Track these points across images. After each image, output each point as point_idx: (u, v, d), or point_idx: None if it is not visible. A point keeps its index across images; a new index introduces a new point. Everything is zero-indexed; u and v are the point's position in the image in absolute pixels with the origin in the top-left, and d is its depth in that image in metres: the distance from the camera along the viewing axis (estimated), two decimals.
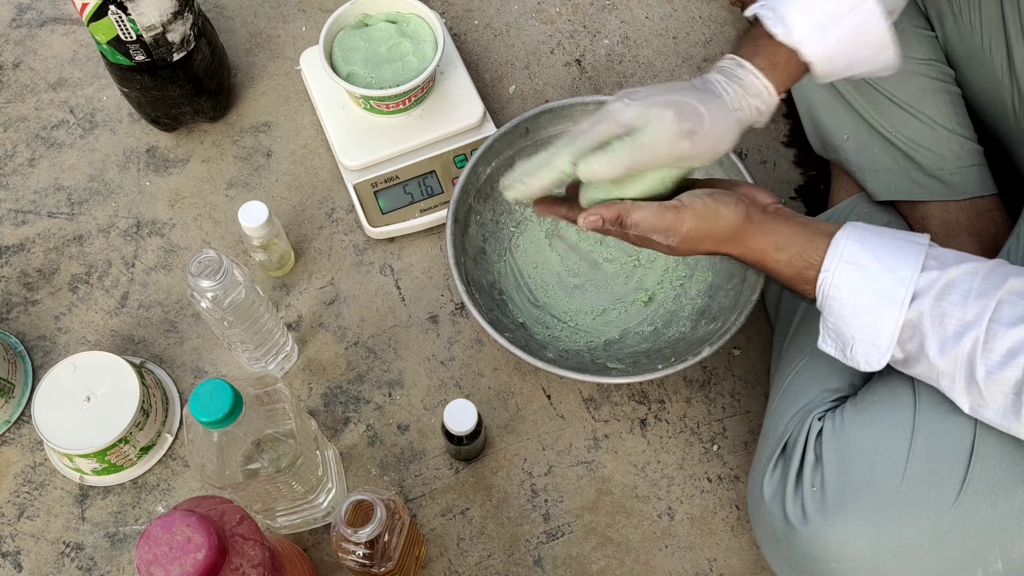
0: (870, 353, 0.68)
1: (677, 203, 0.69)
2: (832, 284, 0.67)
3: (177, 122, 1.07)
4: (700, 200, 0.69)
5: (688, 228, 0.69)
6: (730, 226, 0.70)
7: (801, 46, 0.73)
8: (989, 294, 0.63)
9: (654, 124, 0.68)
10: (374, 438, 0.95)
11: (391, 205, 1.02)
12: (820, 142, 1.02)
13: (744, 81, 0.73)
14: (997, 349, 0.62)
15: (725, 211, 0.69)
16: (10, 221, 1.06)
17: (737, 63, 0.74)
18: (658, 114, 0.68)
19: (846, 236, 0.68)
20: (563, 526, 0.91)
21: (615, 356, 0.93)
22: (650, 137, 0.68)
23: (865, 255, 0.67)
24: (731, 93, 0.72)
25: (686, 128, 0.68)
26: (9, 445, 0.94)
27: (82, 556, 0.89)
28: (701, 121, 0.68)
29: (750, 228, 0.70)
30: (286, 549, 0.82)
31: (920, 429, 0.70)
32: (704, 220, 0.69)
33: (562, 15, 1.21)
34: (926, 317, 0.65)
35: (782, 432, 0.80)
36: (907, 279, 0.65)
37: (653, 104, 0.68)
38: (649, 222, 0.70)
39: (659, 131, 0.67)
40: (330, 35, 1.02)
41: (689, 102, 0.69)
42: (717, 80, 0.73)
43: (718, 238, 0.70)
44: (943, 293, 0.64)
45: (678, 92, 0.70)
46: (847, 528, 0.70)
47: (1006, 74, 0.87)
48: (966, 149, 0.93)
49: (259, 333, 0.88)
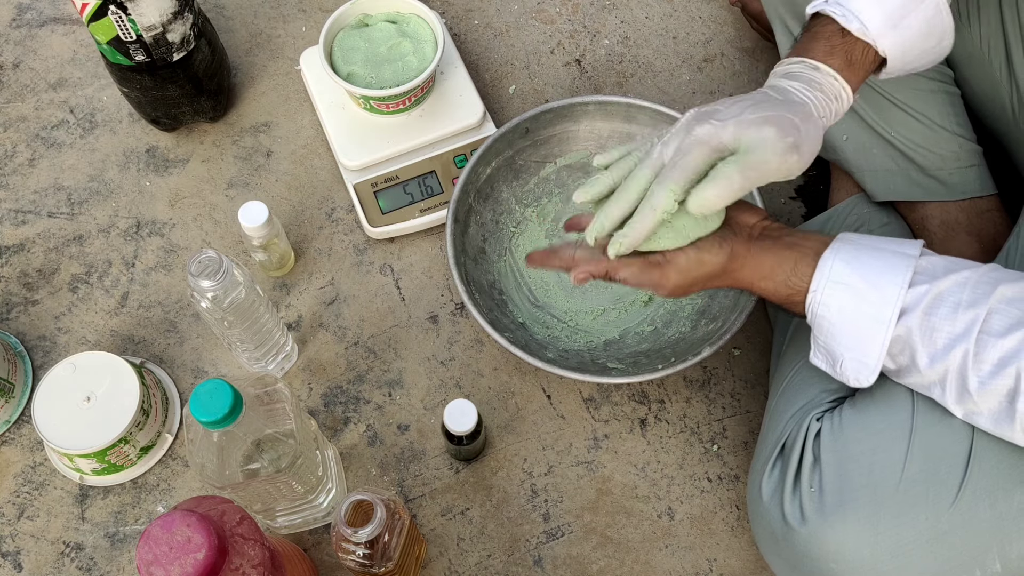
0: (859, 370, 0.69)
1: (660, 259, 0.70)
2: (820, 303, 0.68)
3: (177, 122, 1.07)
4: (683, 254, 0.70)
5: (673, 282, 0.71)
6: (715, 269, 0.71)
7: (878, 41, 0.70)
8: (979, 304, 0.63)
9: (758, 144, 0.65)
10: (374, 438, 0.95)
11: (391, 205, 1.02)
12: None
13: (823, 85, 0.70)
14: (988, 359, 0.63)
15: (708, 258, 0.70)
16: (10, 221, 1.06)
17: (811, 66, 0.71)
18: (758, 132, 0.65)
19: (833, 255, 0.68)
20: (563, 526, 0.91)
21: (615, 356, 0.93)
22: (758, 157, 0.65)
23: (852, 274, 0.67)
24: (814, 100, 0.69)
25: (791, 142, 0.65)
26: (9, 445, 0.94)
27: (82, 556, 0.89)
28: (799, 132, 0.66)
29: (735, 265, 0.71)
30: (286, 549, 0.82)
31: (918, 430, 0.70)
32: (688, 272, 0.70)
33: (562, 15, 1.21)
34: (915, 332, 0.65)
35: (780, 432, 0.80)
36: (894, 297, 0.65)
37: (748, 123, 0.66)
38: (636, 279, 0.71)
39: (766, 150, 0.65)
40: (330, 35, 1.02)
41: (783, 115, 0.66)
42: (795, 88, 0.70)
43: (705, 281, 0.72)
44: (932, 307, 0.65)
45: (766, 107, 0.67)
46: (845, 529, 0.70)
47: (1005, 74, 0.87)
48: (965, 149, 0.93)
49: (259, 333, 0.88)
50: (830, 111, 0.71)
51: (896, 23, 0.70)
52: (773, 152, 0.65)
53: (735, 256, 0.70)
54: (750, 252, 0.70)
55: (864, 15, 0.70)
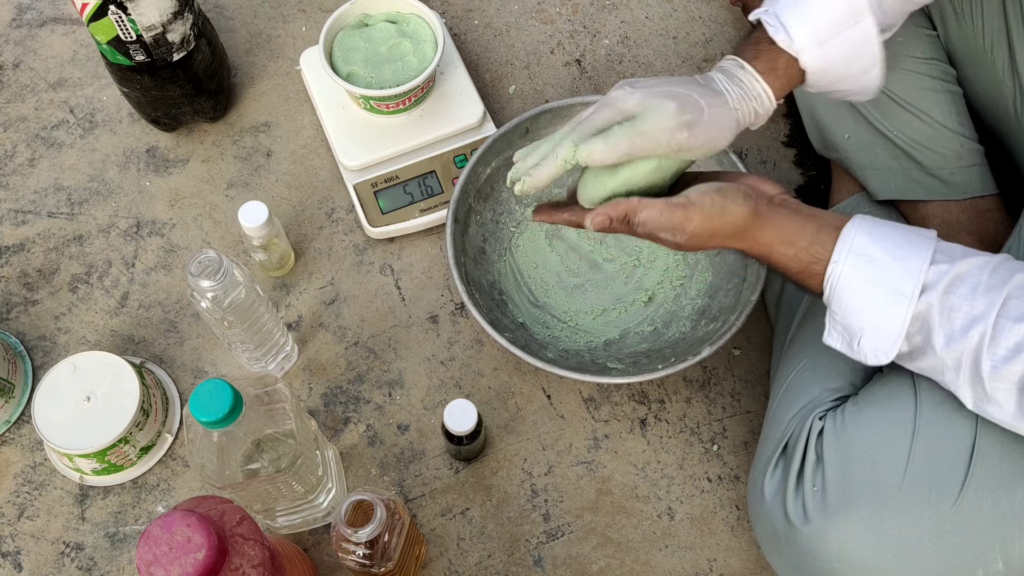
0: (878, 346, 0.67)
1: (684, 200, 0.69)
2: (841, 275, 0.67)
3: (177, 122, 1.07)
4: (708, 197, 0.69)
5: (695, 226, 0.69)
6: (737, 222, 0.69)
7: (800, 55, 0.74)
8: (997, 289, 0.63)
9: (654, 113, 0.68)
10: (374, 438, 0.94)
11: (391, 205, 1.02)
12: (821, 141, 1.02)
13: (744, 83, 0.74)
14: (1004, 344, 0.62)
15: (733, 207, 0.69)
16: (10, 221, 1.06)
17: (738, 64, 0.74)
18: (659, 103, 0.69)
19: (855, 228, 0.68)
20: (563, 526, 0.91)
21: (615, 356, 0.93)
22: (650, 125, 0.68)
23: (874, 247, 0.66)
24: (732, 93, 0.73)
25: (686, 119, 0.68)
26: (9, 445, 0.94)
27: (82, 556, 0.89)
28: (701, 114, 0.69)
29: (757, 223, 0.70)
30: (286, 549, 0.82)
31: (921, 429, 0.70)
32: (711, 218, 0.69)
33: (562, 15, 1.21)
34: (935, 310, 0.64)
35: (783, 432, 0.80)
36: (917, 271, 0.65)
37: (655, 94, 0.69)
38: (656, 220, 0.70)
39: (659, 120, 0.68)
40: (330, 35, 1.02)
41: (690, 94, 0.70)
42: (718, 79, 0.74)
43: (725, 234, 0.70)
44: (952, 286, 0.64)
45: (680, 85, 0.71)
46: (848, 528, 0.70)
47: (1008, 74, 0.87)
48: (967, 148, 0.93)
49: (259, 333, 0.88)
50: (748, 108, 0.74)
51: (822, 41, 0.73)
52: (665, 123, 0.68)
53: (758, 214, 0.69)
54: (772, 214, 0.70)
55: (792, 28, 0.73)
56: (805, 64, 0.74)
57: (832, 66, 0.75)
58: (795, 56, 0.74)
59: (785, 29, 0.73)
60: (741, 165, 0.92)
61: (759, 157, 1.11)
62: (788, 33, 0.73)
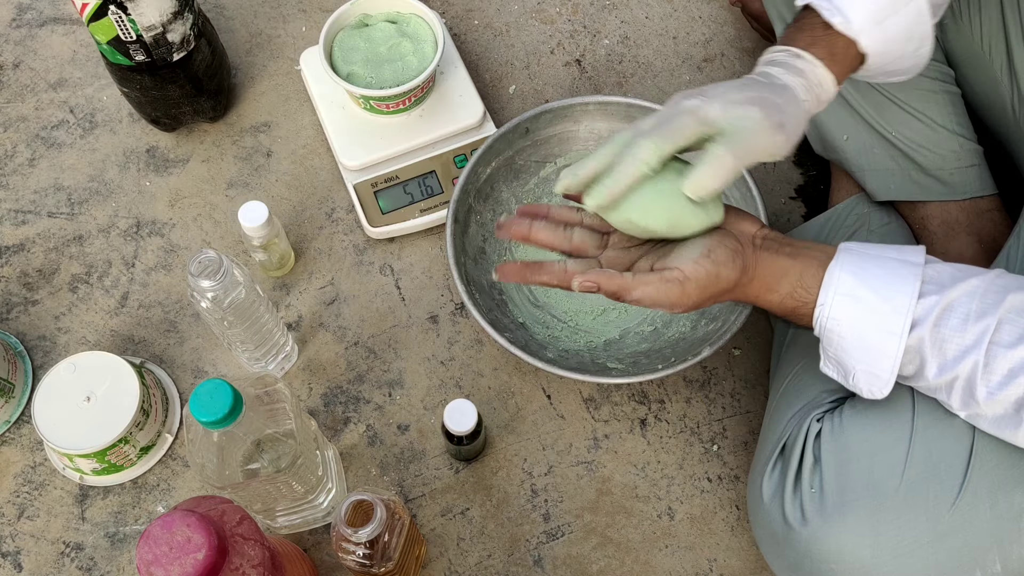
0: (872, 383, 0.68)
1: (680, 275, 0.67)
2: (829, 317, 0.67)
3: (177, 122, 1.07)
4: (702, 268, 0.67)
5: (693, 300, 0.68)
6: (729, 284, 0.69)
7: (860, 36, 0.71)
8: (988, 315, 0.63)
9: (744, 122, 0.65)
10: (374, 438, 0.95)
11: (391, 205, 1.02)
12: (820, 142, 1.02)
13: (805, 72, 0.70)
14: (998, 370, 0.62)
15: (724, 273, 0.68)
16: (10, 221, 1.06)
17: (793, 54, 0.71)
18: (744, 112, 0.65)
19: (840, 267, 0.67)
20: (563, 526, 0.91)
21: (615, 356, 0.93)
22: (747, 137, 0.65)
23: (860, 286, 0.66)
24: (797, 85, 0.70)
25: (776, 121, 0.65)
26: (9, 445, 0.94)
27: (82, 556, 0.89)
28: (784, 114, 0.67)
29: (745, 279, 0.69)
30: (286, 549, 0.82)
31: (919, 431, 0.70)
32: (706, 287, 0.68)
33: (562, 15, 1.21)
34: (926, 343, 0.65)
35: (781, 433, 0.80)
36: (905, 308, 0.65)
37: (735, 102, 0.66)
38: (652, 299, 0.68)
39: (753, 128, 0.65)
40: (330, 35, 1.02)
41: (767, 96, 0.67)
42: (778, 73, 0.70)
43: (717, 297, 0.70)
44: (942, 319, 0.64)
45: (750, 88, 0.67)
46: (846, 529, 0.70)
47: (1006, 74, 0.87)
48: (966, 149, 0.93)
49: (259, 333, 0.88)
50: (813, 96, 0.71)
51: (879, 21, 0.71)
52: (760, 131, 0.65)
53: (745, 270, 0.69)
54: (757, 264, 0.70)
55: (849, 10, 0.70)
56: (865, 46, 0.71)
57: (890, 47, 0.72)
58: (854, 39, 0.71)
59: (841, 12, 0.70)
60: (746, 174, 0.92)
61: None
62: (845, 15, 0.70)
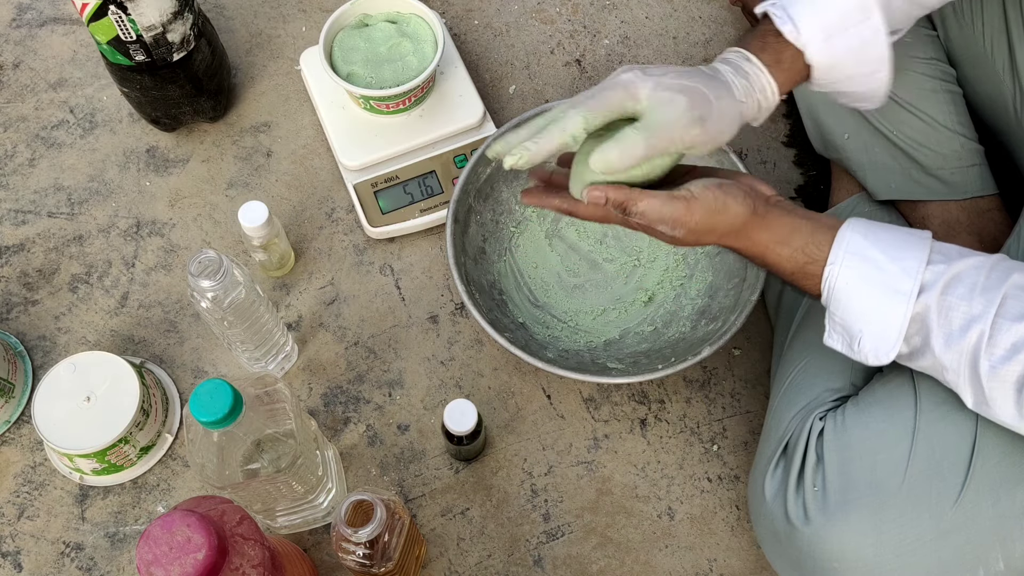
0: (879, 346, 0.67)
1: (687, 194, 0.68)
2: (839, 276, 0.67)
3: (177, 122, 1.07)
4: (711, 192, 0.68)
5: (697, 221, 0.68)
6: (736, 220, 0.69)
7: (807, 47, 0.72)
8: (995, 288, 0.63)
9: (666, 108, 0.66)
10: (374, 438, 0.94)
11: (391, 205, 1.02)
12: (821, 141, 1.02)
13: (750, 75, 0.72)
14: (1002, 344, 0.62)
15: (734, 205, 0.68)
16: (10, 221, 1.06)
17: (744, 56, 0.72)
18: (670, 98, 0.66)
19: (851, 229, 0.68)
20: (563, 526, 0.91)
21: (615, 356, 0.93)
22: (662, 122, 0.66)
23: (871, 247, 0.66)
24: (738, 85, 0.71)
25: (696, 115, 0.66)
26: (9, 445, 0.94)
27: (82, 556, 0.89)
28: (710, 109, 0.67)
29: (754, 222, 0.69)
30: (286, 549, 0.82)
31: (921, 429, 0.70)
32: (713, 214, 0.68)
33: (562, 15, 1.21)
34: (932, 310, 0.64)
35: (783, 432, 0.80)
36: (914, 271, 0.65)
37: (666, 86, 0.67)
38: (657, 212, 0.68)
39: (671, 116, 0.66)
40: (330, 35, 1.02)
41: (699, 88, 0.68)
42: (724, 71, 0.72)
43: (723, 232, 0.69)
44: (949, 287, 0.64)
45: (688, 76, 0.68)
46: (849, 528, 0.70)
47: (1007, 74, 0.87)
48: (967, 148, 0.93)
49: (259, 333, 0.88)
50: (753, 101, 0.72)
51: (829, 36, 0.72)
52: (678, 120, 0.66)
53: (756, 213, 0.69)
54: (768, 213, 0.70)
55: (800, 20, 0.71)
56: (811, 58, 0.72)
57: (839, 62, 0.73)
58: (801, 49, 0.72)
59: (792, 21, 0.71)
60: (741, 165, 0.92)
61: (759, 157, 1.11)
62: (795, 25, 0.71)
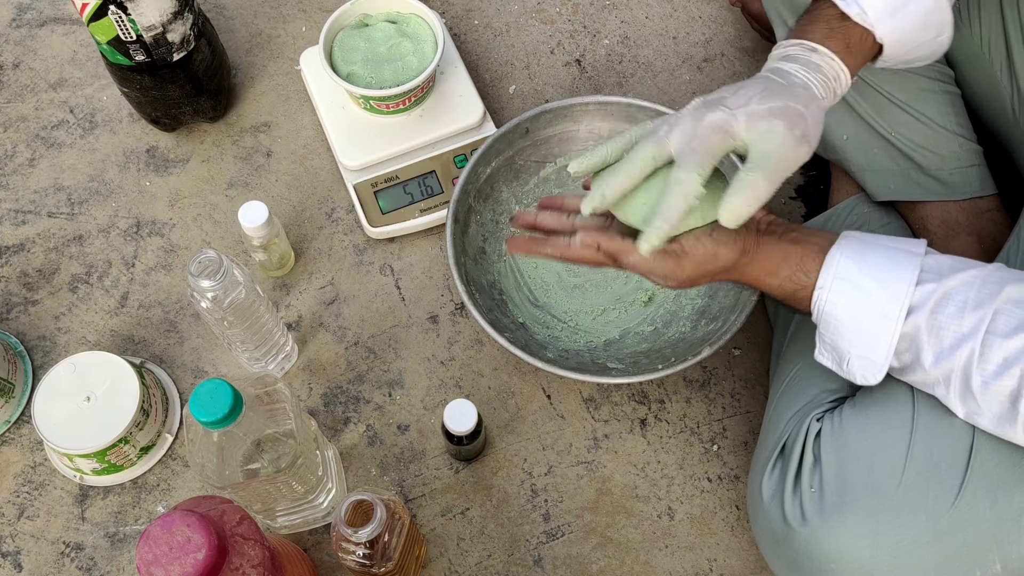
0: (866, 368, 0.69)
1: (678, 249, 0.69)
2: (827, 301, 0.68)
3: (177, 122, 1.07)
4: (701, 245, 0.69)
5: (687, 275, 0.70)
6: (727, 263, 0.70)
7: (876, 27, 0.70)
8: (985, 304, 0.63)
9: (768, 138, 0.65)
10: (374, 438, 0.95)
11: (391, 205, 1.02)
12: (820, 142, 1.02)
13: (822, 67, 0.70)
14: (993, 360, 0.63)
15: (723, 251, 0.69)
16: (10, 221, 1.06)
17: (809, 48, 0.70)
18: (768, 127, 0.65)
19: (840, 252, 0.68)
20: (563, 526, 0.91)
21: (615, 356, 0.93)
22: (771, 153, 0.65)
23: (859, 272, 0.67)
24: (815, 82, 0.69)
25: (798, 134, 0.65)
26: (9, 445, 0.94)
27: (82, 556, 0.89)
28: (807, 123, 0.66)
29: (744, 260, 0.71)
30: (286, 549, 0.82)
31: (919, 430, 0.70)
32: (703, 264, 0.70)
33: (562, 15, 1.21)
34: (922, 330, 0.65)
35: (781, 432, 0.80)
36: (902, 293, 0.65)
37: (758, 115, 0.65)
38: (648, 266, 0.70)
39: (777, 145, 0.65)
40: (330, 35, 1.02)
41: (789, 105, 0.66)
42: (794, 70, 0.70)
43: (713, 274, 0.71)
44: (939, 306, 0.65)
45: (771, 96, 0.66)
46: (845, 529, 0.70)
47: (1005, 75, 0.87)
48: (965, 149, 0.93)
49: (259, 333, 0.88)
50: (830, 92, 0.70)
51: (895, 11, 0.70)
52: (786, 147, 0.65)
53: (745, 251, 0.70)
54: (758, 247, 0.71)
55: (864, 1, 0.70)
56: (882, 36, 0.70)
57: (908, 35, 0.72)
58: (870, 29, 0.70)
59: (857, 2, 0.70)
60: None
61: None
62: (861, 6, 0.69)
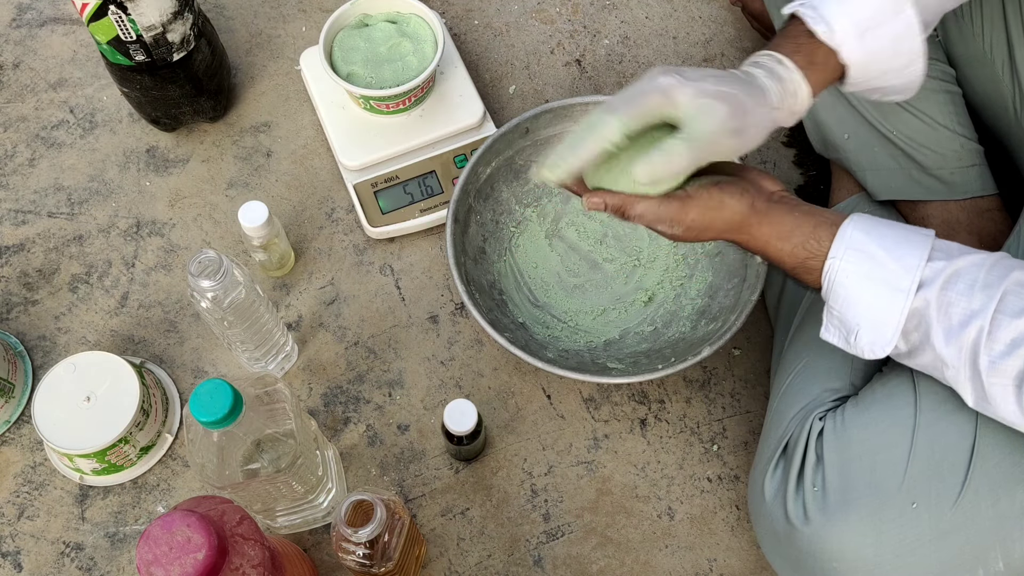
0: (875, 340, 0.67)
1: (683, 194, 0.69)
2: (839, 270, 0.67)
3: (177, 122, 1.07)
4: (706, 191, 0.69)
5: (693, 218, 0.69)
6: (734, 216, 0.69)
7: (841, 47, 0.71)
8: (994, 285, 0.63)
9: (707, 117, 0.65)
10: (374, 438, 0.95)
11: (391, 205, 1.02)
12: (821, 141, 1.02)
13: (784, 79, 0.70)
14: (1001, 339, 0.62)
15: (730, 201, 0.69)
16: (10, 221, 1.06)
17: (776, 59, 0.71)
18: (710, 106, 0.65)
19: (853, 225, 0.68)
20: (563, 526, 0.91)
21: (615, 356, 0.93)
22: (705, 131, 0.65)
23: (872, 243, 0.67)
24: (773, 90, 0.70)
25: (735, 125, 0.66)
26: (9, 445, 0.94)
27: (82, 556, 0.89)
28: (747, 118, 0.67)
29: (754, 218, 0.70)
30: (286, 549, 0.82)
31: (921, 428, 0.70)
32: (708, 211, 0.69)
33: (562, 15, 1.21)
34: (932, 306, 0.65)
35: (783, 432, 0.80)
36: (914, 267, 0.65)
37: (706, 92, 0.66)
38: (653, 213, 0.69)
39: (713, 126, 0.65)
40: (330, 35, 1.02)
41: (737, 95, 0.67)
42: (759, 74, 0.70)
43: (722, 228, 0.70)
44: (949, 282, 0.64)
45: (727, 83, 0.67)
46: (848, 528, 0.70)
47: (1007, 74, 0.87)
48: (966, 149, 0.93)
49: (259, 333, 0.88)
50: (786, 106, 0.71)
51: (862, 33, 0.70)
52: (719, 133, 0.66)
53: (755, 210, 0.69)
54: (770, 210, 0.70)
55: (832, 20, 0.70)
56: (846, 57, 0.71)
57: (874, 59, 0.72)
58: (835, 49, 0.71)
59: (825, 20, 0.70)
60: None
61: (759, 157, 1.11)
62: (828, 24, 0.70)
